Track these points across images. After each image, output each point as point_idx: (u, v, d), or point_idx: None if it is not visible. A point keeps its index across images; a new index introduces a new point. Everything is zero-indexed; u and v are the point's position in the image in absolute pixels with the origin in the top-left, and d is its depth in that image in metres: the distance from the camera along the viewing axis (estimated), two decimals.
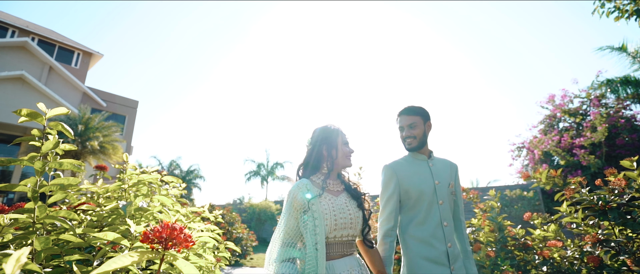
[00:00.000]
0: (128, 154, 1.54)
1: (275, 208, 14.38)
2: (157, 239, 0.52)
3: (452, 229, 1.54)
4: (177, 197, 1.81)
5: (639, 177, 1.62)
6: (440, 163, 1.67)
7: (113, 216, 1.14)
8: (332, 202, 1.31)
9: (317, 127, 1.47)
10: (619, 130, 8.15)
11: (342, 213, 1.29)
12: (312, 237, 1.19)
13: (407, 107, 1.67)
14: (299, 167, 1.45)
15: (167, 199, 1.29)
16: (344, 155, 1.41)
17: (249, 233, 8.05)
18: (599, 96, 9.11)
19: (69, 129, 0.93)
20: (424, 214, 1.52)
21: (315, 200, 1.25)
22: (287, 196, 1.30)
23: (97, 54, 16.36)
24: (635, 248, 1.52)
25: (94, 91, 15.49)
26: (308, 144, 1.44)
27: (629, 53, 9.35)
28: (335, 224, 1.26)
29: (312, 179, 1.38)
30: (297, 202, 1.25)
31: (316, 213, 1.22)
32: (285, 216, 1.28)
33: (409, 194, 1.56)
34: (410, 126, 1.63)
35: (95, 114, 11.32)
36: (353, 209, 1.34)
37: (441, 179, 1.60)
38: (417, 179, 1.58)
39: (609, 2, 4.83)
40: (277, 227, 1.33)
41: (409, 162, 1.65)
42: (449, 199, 1.58)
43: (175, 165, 21.51)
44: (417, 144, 1.62)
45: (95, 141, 10.36)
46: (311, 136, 1.45)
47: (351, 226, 1.31)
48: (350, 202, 1.36)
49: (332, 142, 1.40)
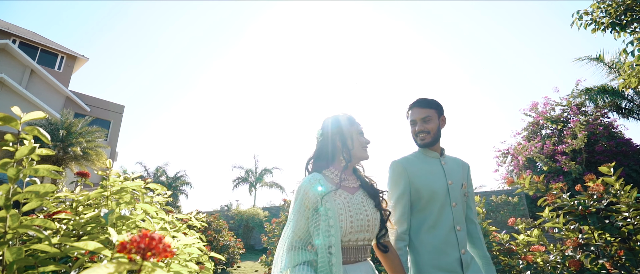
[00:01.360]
0: (112, 160, 1.50)
1: (264, 215, 14.22)
2: (135, 249, 0.51)
3: (465, 234, 1.41)
4: (162, 204, 1.77)
5: (616, 183, 1.67)
6: (452, 162, 1.53)
7: (93, 224, 1.10)
8: (348, 200, 1.15)
9: (329, 116, 1.30)
10: (598, 137, 8.43)
11: (359, 214, 1.13)
12: (325, 239, 1.04)
13: (421, 99, 1.52)
14: (309, 160, 1.29)
15: (150, 207, 1.26)
16: (361, 146, 1.25)
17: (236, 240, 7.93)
18: (578, 104, 9.43)
19: (46, 134, 0.90)
20: (435, 217, 1.37)
21: (329, 196, 1.10)
22: (297, 192, 1.15)
23: (82, 58, 16.00)
24: (614, 251, 1.56)
25: (77, 95, 15.10)
26: (318, 136, 1.28)
27: (605, 63, 9.74)
28: (351, 226, 1.10)
29: (324, 173, 1.22)
30: (309, 199, 1.09)
31: (330, 211, 1.06)
32: (294, 216, 1.12)
33: (419, 194, 1.41)
34: (423, 119, 1.48)
35: (78, 119, 11.01)
36: (370, 209, 1.18)
37: (454, 179, 1.46)
38: (429, 178, 1.43)
39: (587, 15, 5.03)
40: (284, 231, 1.16)
41: (420, 159, 1.50)
42: (461, 200, 1.45)
43: (162, 171, 21.09)
44: (431, 139, 1.47)
45: (78, 147, 10.07)
46: (322, 126, 1.29)
47: (368, 229, 1.15)
48: (367, 201, 1.20)
49: (346, 132, 1.24)
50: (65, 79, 15.26)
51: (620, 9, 4.69)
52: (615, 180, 1.67)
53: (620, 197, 1.63)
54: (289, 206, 5.31)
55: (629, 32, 4.85)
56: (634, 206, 1.57)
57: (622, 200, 1.61)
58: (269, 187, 22.82)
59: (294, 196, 1.16)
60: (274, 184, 22.69)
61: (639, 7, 4.55)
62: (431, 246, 1.34)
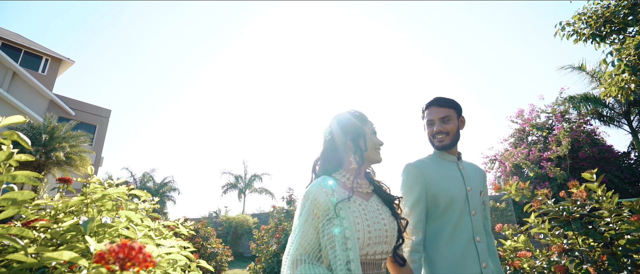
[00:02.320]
0: (98, 166, 1.47)
1: (253, 222, 14.06)
2: (114, 259, 0.49)
3: (485, 246, 1.29)
4: (149, 211, 1.73)
5: (598, 189, 1.71)
6: (469, 167, 1.44)
7: (73, 233, 1.06)
8: (364, 208, 1.01)
9: (338, 113, 1.17)
10: (581, 144, 8.67)
11: (376, 223, 1.00)
12: (343, 253, 0.89)
13: (440, 98, 1.41)
14: (315, 162, 1.14)
15: (134, 214, 1.23)
16: (374, 147, 1.11)
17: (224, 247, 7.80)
18: (562, 112, 9.69)
19: (26, 139, 0.87)
20: (453, 227, 1.26)
21: (343, 204, 0.97)
22: (304, 198, 1.01)
23: (67, 61, 15.67)
24: (597, 256, 1.59)
25: (62, 98, 14.75)
26: (326, 134, 1.14)
27: (587, 72, 10.07)
28: (368, 238, 0.96)
29: (335, 177, 1.09)
30: (319, 207, 0.95)
31: (346, 221, 0.93)
32: (300, 227, 0.98)
33: (436, 201, 1.29)
34: (443, 119, 1.37)
35: (62, 123, 10.73)
36: (388, 217, 1.05)
37: (473, 185, 1.35)
38: (447, 183, 1.32)
39: (569, 26, 5.21)
40: (288, 245, 1.01)
41: (437, 163, 1.39)
42: (480, 209, 1.34)
43: (149, 177, 20.69)
44: (450, 141, 1.36)
45: (61, 152, 9.80)
46: (330, 123, 1.15)
47: (386, 241, 1.01)
48: (382, 209, 1.07)
49: (358, 131, 1.11)
50: (50, 82, 14.90)
51: (600, 21, 4.87)
52: (597, 186, 1.71)
53: (602, 203, 1.67)
54: (278, 213, 5.29)
55: (609, 43, 5.03)
56: (616, 211, 1.60)
57: (604, 206, 1.65)
58: (259, 194, 22.62)
59: (300, 202, 1.02)
60: (263, 191, 22.50)
61: (617, 20, 4.73)
62: (449, 259, 1.21)
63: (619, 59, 4.25)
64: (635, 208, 1.55)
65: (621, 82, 4.48)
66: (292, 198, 5.24)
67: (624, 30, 4.82)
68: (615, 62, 4.30)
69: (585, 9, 5.12)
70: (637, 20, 4.55)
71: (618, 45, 4.65)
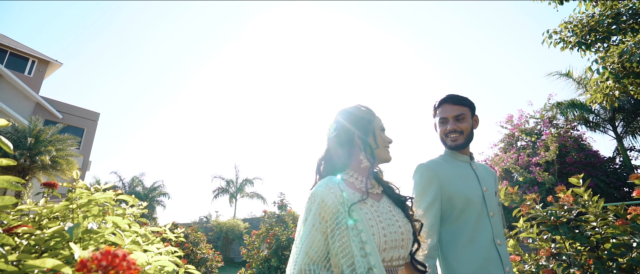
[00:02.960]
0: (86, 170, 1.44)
1: (244, 227, 13.93)
2: (97, 267, 0.48)
3: (506, 249, 1.22)
4: (137, 216, 1.70)
5: (584, 194, 1.74)
6: (481, 168, 1.39)
7: (58, 239, 1.04)
8: (376, 210, 0.93)
9: (343, 107, 1.08)
10: (568, 149, 8.84)
11: (391, 225, 0.91)
12: (362, 260, 0.79)
13: (453, 95, 1.35)
14: (320, 161, 1.05)
15: (120, 220, 1.20)
16: (384, 144, 1.03)
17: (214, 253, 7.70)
18: (550, 118, 9.89)
19: (8, 143, 0.85)
20: (472, 229, 1.19)
21: (356, 206, 0.88)
22: (309, 201, 0.91)
23: (55, 63, 15.39)
24: (583, 260, 1.61)
25: (48, 101, 14.46)
26: (331, 131, 1.05)
27: (574, 79, 10.32)
28: (384, 242, 0.87)
29: (343, 177, 1.01)
30: (327, 209, 0.86)
31: (361, 225, 0.84)
32: (306, 233, 0.87)
33: (452, 203, 1.23)
34: (456, 118, 1.32)
35: (48, 126, 10.51)
36: (401, 219, 0.96)
37: (488, 186, 1.30)
38: (462, 183, 1.26)
39: (556, 34, 5.34)
40: (293, 253, 0.90)
41: (450, 163, 1.33)
42: (498, 210, 1.29)
43: (138, 182, 20.36)
44: (464, 141, 1.32)
45: (47, 155, 9.57)
46: (335, 118, 1.06)
47: (402, 245, 0.92)
48: (395, 210, 0.99)
49: (367, 127, 1.02)
50: (36, 84, 14.59)
51: (585, 30, 5.00)
52: (584, 191, 1.75)
53: (588, 208, 1.70)
54: (269, 218, 5.25)
55: (594, 51, 5.18)
56: (601, 216, 1.64)
57: (590, 210, 1.68)
58: (250, 198, 22.43)
59: (304, 206, 0.92)
60: (255, 195, 22.32)
61: (601, 29, 4.87)
62: (470, 263, 1.14)
63: (603, 67, 4.37)
64: (620, 213, 1.59)
65: (606, 89, 4.61)
66: (284, 203, 5.21)
67: (608, 39, 4.96)
68: (600, 69, 4.42)
69: (572, 17, 5.26)
70: (621, 29, 4.69)
71: (603, 54, 4.78)
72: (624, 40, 4.59)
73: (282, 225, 4.82)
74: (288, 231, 4.55)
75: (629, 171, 8.72)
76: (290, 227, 4.64)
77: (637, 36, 4.05)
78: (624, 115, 9.93)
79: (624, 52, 3.99)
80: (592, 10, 5.31)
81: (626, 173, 8.56)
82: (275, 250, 4.43)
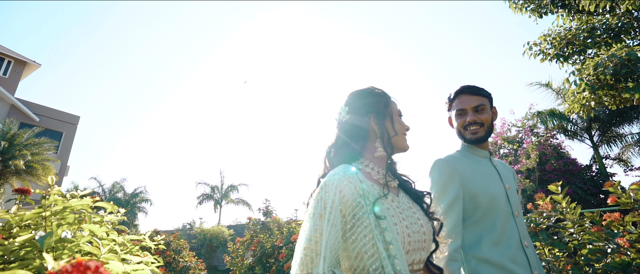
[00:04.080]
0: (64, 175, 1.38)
1: (229, 234, 13.69)
2: None
3: (533, 252, 1.14)
4: (115, 224, 1.64)
5: (563, 201, 1.80)
6: (501, 164, 1.29)
7: (27, 249, 0.99)
8: (397, 205, 0.81)
9: (354, 90, 0.96)
10: (548, 157, 9.12)
11: (413, 224, 0.80)
12: (386, 262, 0.68)
13: (471, 85, 1.26)
14: (330, 149, 0.92)
15: (97, 228, 1.16)
16: (402, 131, 0.92)
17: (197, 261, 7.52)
18: (531, 126, 10.21)
19: None
20: (498, 231, 1.10)
21: (380, 201, 0.77)
22: (322, 191, 0.75)
23: (32, 63, 14.87)
24: (562, 266, 1.65)
25: (25, 103, 13.92)
26: (343, 114, 0.92)
27: (553, 89, 10.71)
28: (408, 243, 0.76)
29: (358, 167, 0.88)
30: (346, 203, 0.73)
31: (384, 222, 0.72)
32: (326, 233, 0.70)
33: (475, 201, 1.14)
34: (476, 109, 1.22)
35: (24, 130, 10.11)
36: (423, 217, 0.85)
37: (510, 183, 1.22)
38: (484, 180, 1.17)
39: (536, 46, 5.55)
40: (300, 257, 0.74)
41: (469, 158, 1.24)
42: (521, 210, 1.20)
43: (119, 187, 19.77)
44: (485, 133, 1.23)
45: (21, 160, 9.19)
46: (347, 101, 0.93)
47: (424, 247, 0.81)
48: (415, 207, 0.87)
49: (384, 111, 0.90)
50: (12, 85, 14.05)
51: (563, 42, 5.22)
52: (562, 198, 1.80)
53: (566, 215, 1.75)
54: (254, 225, 5.17)
55: (571, 63, 5.40)
56: (578, 222, 1.68)
57: (568, 217, 1.73)
58: (236, 205, 22.12)
59: (314, 198, 0.77)
60: (240, 201, 22.02)
61: (578, 42, 5.09)
62: (497, 267, 1.05)
63: (580, 79, 4.55)
64: (596, 219, 1.64)
65: (582, 100, 4.79)
66: (269, 209, 5.15)
67: (584, 51, 5.19)
68: (577, 81, 4.60)
69: (550, 30, 5.48)
70: (595, 43, 4.92)
71: (579, 66, 4.98)
72: (599, 54, 4.81)
73: (267, 232, 4.75)
74: (273, 238, 4.49)
75: (604, 179, 9.07)
76: (275, 234, 4.58)
77: (610, 50, 4.24)
78: (600, 124, 10.36)
79: (599, 65, 4.17)
80: (569, 24, 5.55)
81: (602, 181, 8.89)
82: (260, 258, 4.36)
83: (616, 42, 4.73)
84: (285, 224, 4.68)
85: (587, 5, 4.47)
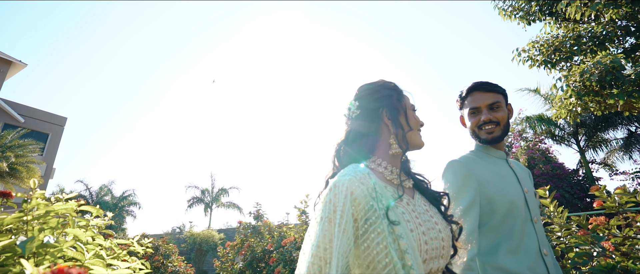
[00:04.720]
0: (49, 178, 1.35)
1: (219, 237, 13.52)
2: None
3: (553, 261, 1.07)
4: (102, 228, 1.60)
5: (550, 205, 1.82)
6: (518, 165, 1.22)
7: (7, 254, 0.95)
8: (413, 209, 0.75)
9: (365, 83, 0.89)
10: (536, 161, 9.28)
11: (431, 230, 0.73)
12: (401, 272, 0.62)
13: (484, 82, 1.18)
14: (339, 146, 0.84)
15: (82, 233, 1.13)
16: (417, 126, 0.85)
17: (187, 266, 7.40)
18: (520, 131, 10.39)
19: None
20: (517, 238, 1.03)
21: (393, 204, 0.69)
22: (331, 192, 0.69)
23: (18, 63, 14.53)
24: None
25: (9, 103, 13.59)
26: (353, 109, 0.85)
27: (541, 95, 10.94)
28: (425, 251, 0.69)
29: (369, 166, 0.80)
30: (358, 206, 0.66)
31: (399, 228, 0.65)
32: (337, 239, 0.63)
33: (493, 207, 1.06)
34: (490, 106, 1.15)
35: (8, 131, 9.85)
36: (441, 222, 0.78)
37: (528, 186, 1.15)
38: (502, 184, 1.09)
39: (524, 52, 5.66)
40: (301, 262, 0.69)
41: (485, 160, 1.16)
42: (539, 215, 1.12)
43: (107, 190, 19.37)
44: (501, 132, 1.15)
45: (4, 162, 8.94)
46: (357, 94, 0.87)
47: (443, 254, 0.74)
48: (432, 210, 0.80)
49: (397, 105, 0.83)
50: None
51: (551, 49, 5.34)
52: (550, 202, 1.82)
53: (554, 219, 1.77)
54: (244, 229, 5.12)
55: (558, 70, 5.52)
56: (565, 226, 1.71)
57: (556, 221, 1.75)
58: (226, 208, 21.87)
59: (322, 200, 0.70)
60: (231, 205, 21.79)
61: (564, 49, 5.21)
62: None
63: (567, 85, 4.65)
64: (582, 223, 1.67)
65: (569, 106, 4.90)
66: (260, 213, 5.10)
67: (570, 58, 5.31)
68: (564, 87, 4.70)
69: (538, 37, 5.61)
70: (581, 50, 5.04)
71: (566, 72, 5.10)
72: (585, 61, 4.93)
73: (257, 236, 4.71)
74: (264, 242, 4.45)
75: (590, 183, 9.26)
76: (266, 238, 4.54)
77: (595, 57, 4.35)
78: (586, 130, 10.60)
79: (585, 72, 4.27)
80: (557, 31, 5.69)
81: (588, 185, 9.08)
82: (250, 262, 4.31)
83: (601, 49, 4.86)
84: (276, 228, 4.64)
85: (573, 14, 4.58)
